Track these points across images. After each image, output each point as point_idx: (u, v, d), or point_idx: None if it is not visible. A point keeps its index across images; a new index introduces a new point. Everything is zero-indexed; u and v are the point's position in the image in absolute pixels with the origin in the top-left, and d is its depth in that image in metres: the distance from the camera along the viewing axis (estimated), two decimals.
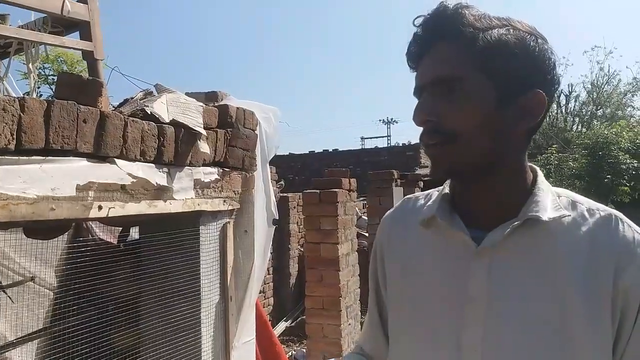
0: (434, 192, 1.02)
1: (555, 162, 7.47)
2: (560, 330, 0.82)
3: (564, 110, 22.88)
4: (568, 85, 22.99)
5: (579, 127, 21.23)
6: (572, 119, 22.56)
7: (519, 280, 0.85)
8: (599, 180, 6.57)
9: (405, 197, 1.10)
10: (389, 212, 1.12)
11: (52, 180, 1.75)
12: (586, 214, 0.89)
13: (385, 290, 1.06)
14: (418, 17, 0.89)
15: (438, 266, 0.93)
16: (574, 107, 22.94)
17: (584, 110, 22.67)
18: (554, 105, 23.16)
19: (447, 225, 0.92)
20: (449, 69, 0.84)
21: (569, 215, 0.87)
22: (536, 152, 12.52)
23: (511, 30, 0.86)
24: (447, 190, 0.98)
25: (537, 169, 0.97)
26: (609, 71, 22.17)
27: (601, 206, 0.91)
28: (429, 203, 1.00)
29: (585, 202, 0.91)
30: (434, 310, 0.92)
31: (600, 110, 22.37)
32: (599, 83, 22.35)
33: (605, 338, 0.82)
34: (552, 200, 0.89)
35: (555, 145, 8.43)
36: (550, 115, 23.20)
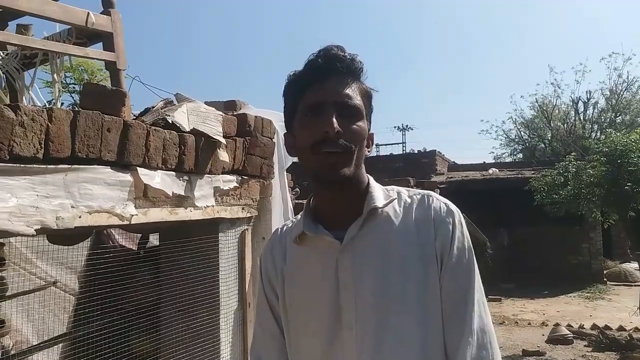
0: (299, 216, 1.22)
1: (574, 169, 7.33)
2: (408, 294, 1.06)
3: (582, 118, 22.55)
4: (586, 92, 22.71)
5: (598, 134, 20.91)
6: (590, 126, 22.22)
7: (374, 262, 1.08)
8: (618, 188, 6.44)
9: (275, 228, 1.33)
10: (266, 243, 1.33)
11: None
12: (408, 199, 1.16)
13: (278, 307, 1.22)
14: (327, 47, 1.10)
15: (314, 269, 1.13)
16: (593, 114, 22.60)
17: (602, 117, 22.31)
18: (572, 113, 22.87)
19: (313, 234, 1.12)
20: (356, 100, 1.09)
21: (395, 199, 1.14)
22: (554, 159, 12.38)
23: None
24: (309, 209, 1.18)
25: (368, 174, 1.19)
26: (627, 78, 21.81)
27: (418, 190, 1.19)
28: (296, 224, 1.21)
29: (407, 191, 1.19)
30: (318, 303, 1.11)
31: (620, 117, 22.02)
32: (617, 90, 22.00)
33: (438, 284, 1.07)
34: (383, 194, 1.14)
35: (573, 153, 8.31)
36: (567, 123, 22.92)
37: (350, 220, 1.11)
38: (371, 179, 1.18)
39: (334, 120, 1.04)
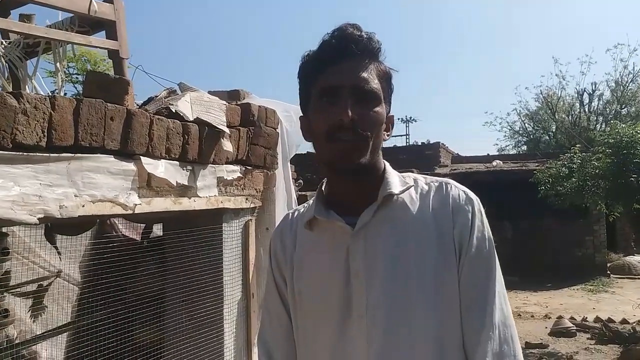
0: (311, 201, 1.19)
1: (579, 161, 7.28)
2: (423, 284, 1.02)
3: (587, 109, 22.44)
4: (591, 83, 22.55)
5: (603, 126, 20.79)
6: (595, 118, 22.12)
7: (387, 250, 1.04)
8: (624, 180, 6.40)
9: (286, 213, 1.29)
10: (276, 227, 1.30)
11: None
12: (425, 186, 1.12)
13: (287, 292, 1.18)
14: (342, 26, 1.05)
15: (324, 255, 1.10)
16: (598, 106, 22.50)
17: (607, 109, 22.21)
18: (577, 104, 22.75)
19: (325, 219, 1.09)
20: (373, 84, 1.04)
21: (412, 186, 1.10)
22: (558, 152, 12.32)
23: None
24: (321, 194, 1.15)
25: (384, 161, 1.16)
26: (633, 69, 21.68)
27: (435, 178, 1.15)
28: (307, 209, 1.17)
29: (424, 178, 1.15)
30: (328, 291, 1.07)
31: (625, 108, 21.90)
32: (623, 81, 21.88)
33: (456, 275, 1.03)
34: (399, 180, 1.11)
35: (578, 145, 8.26)
36: (572, 114, 22.80)
37: (364, 206, 1.07)
38: (387, 165, 1.14)
39: (349, 108, 1.00)
